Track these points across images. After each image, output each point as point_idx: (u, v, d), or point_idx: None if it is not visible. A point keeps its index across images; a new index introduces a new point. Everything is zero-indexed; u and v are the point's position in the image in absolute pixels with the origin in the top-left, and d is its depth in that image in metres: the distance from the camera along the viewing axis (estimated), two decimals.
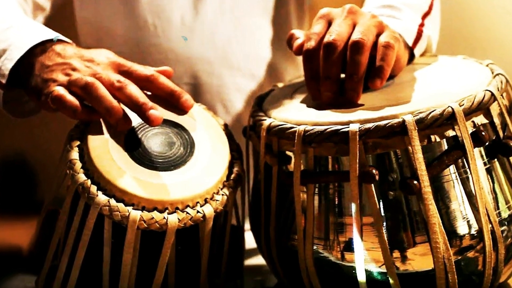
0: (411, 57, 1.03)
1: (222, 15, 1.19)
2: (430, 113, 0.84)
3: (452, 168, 0.86)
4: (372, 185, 0.85)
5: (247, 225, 1.03)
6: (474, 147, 0.86)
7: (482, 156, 0.88)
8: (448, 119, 0.84)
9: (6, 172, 1.52)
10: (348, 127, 0.84)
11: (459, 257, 0.86)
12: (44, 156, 1.46)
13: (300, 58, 0.96)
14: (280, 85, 1.07)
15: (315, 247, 0.89)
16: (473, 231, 0.87)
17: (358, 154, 0.84)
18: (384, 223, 0.86)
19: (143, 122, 0.91)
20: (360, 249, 0.86)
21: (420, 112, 0.84)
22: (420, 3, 1.08)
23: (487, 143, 0.87)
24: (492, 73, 0.93)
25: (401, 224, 0.86)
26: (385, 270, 0.86)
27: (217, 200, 0.90)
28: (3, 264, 1.12)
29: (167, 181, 0.89)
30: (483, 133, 0.86)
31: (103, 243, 0.87)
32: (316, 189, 0.89)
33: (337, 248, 0.88)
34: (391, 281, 0.86)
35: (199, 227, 0.90)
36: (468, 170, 0.86)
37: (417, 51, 1.04)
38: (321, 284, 0.90)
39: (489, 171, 0.88)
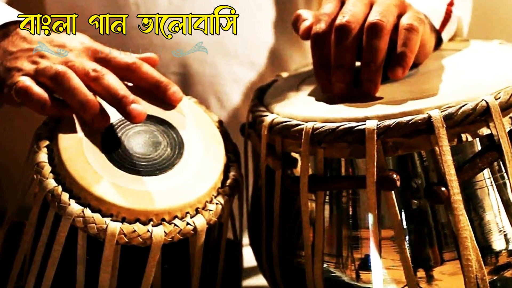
0: (439, 42, 1.03)
1: None
2: (461, 107, 0.84)
3: (486, 172, 0.86)
4: (393, 192, 0.85)
5: (245, 240, 1.03)
6: None
7: None
8: (481, 115, 0.84)
9: None
10: (365, 124, 0.85)
11: (495, 277, 0.87)
12: (7, 159, 1.46)
13: (307, 44, 0.96)
14: (285, 75, 1.07)
15: (325, 265, 0.89)
16: (511, 247, 0.87)
17: (376, 156, 0.84)
18: (407, 237, 0.86)
19: (123, 118, 0.91)
20: (378, 267, 0.87)
21: (449, 107, 0.84)
22: None
23: None
24: None
25: (427, 238, 0.86)
26: None
27: (210, 210, 0.90)
28: None
29: (151, 187, 0.89)
30: None
31: (76, 261, 0.87)
32: (327, 197, 0.89)
33: (351, 267, 0.89)
34: None
35: (189, 242, 0.90)
36: (505, 174, 0.86)
37: (446, 35, 1.04)
38: None
39: None
